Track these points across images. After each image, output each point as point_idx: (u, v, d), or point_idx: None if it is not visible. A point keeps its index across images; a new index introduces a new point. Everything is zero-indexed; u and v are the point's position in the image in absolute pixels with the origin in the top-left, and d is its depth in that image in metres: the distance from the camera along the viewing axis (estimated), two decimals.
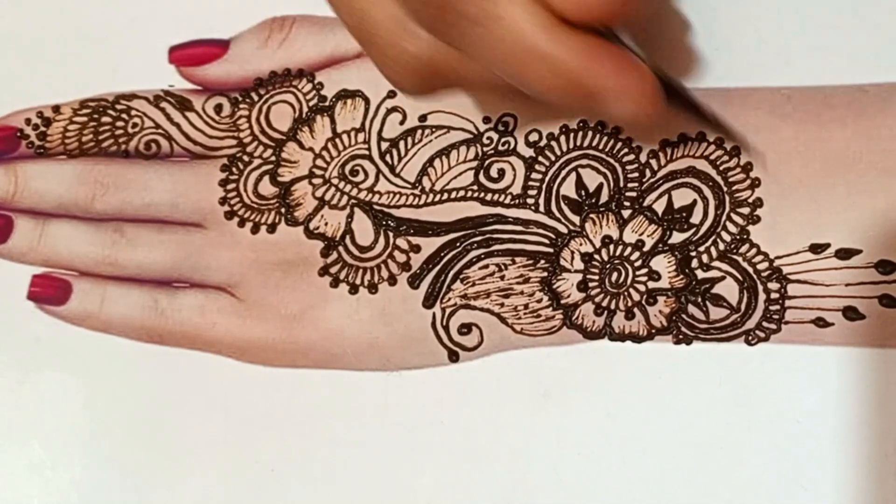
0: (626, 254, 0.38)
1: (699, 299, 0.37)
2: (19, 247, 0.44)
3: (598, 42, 0.30)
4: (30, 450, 0.42)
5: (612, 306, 0.38)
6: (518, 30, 0.30)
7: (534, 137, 0.40)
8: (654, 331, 0.38)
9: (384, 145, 0.41)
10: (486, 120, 0.41)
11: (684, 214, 0.38)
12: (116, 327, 0.42)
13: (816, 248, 0.37)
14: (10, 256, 0.44)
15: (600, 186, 0.39)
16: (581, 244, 0.39)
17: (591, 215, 0.39)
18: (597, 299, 0.38)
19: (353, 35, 0.34)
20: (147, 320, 0.42)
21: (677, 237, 0.38)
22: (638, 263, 0.38)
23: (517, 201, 0.40)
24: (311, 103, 0.43)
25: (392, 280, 0.40)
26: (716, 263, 0.38)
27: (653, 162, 0.39)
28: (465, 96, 0.40)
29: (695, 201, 0.38)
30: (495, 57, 0.31)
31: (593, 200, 0.39)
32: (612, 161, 0.39)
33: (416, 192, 0.41)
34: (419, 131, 0.41)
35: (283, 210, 0.42)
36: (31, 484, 0.41)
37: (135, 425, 0.41)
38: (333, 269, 0.41)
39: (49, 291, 0.43)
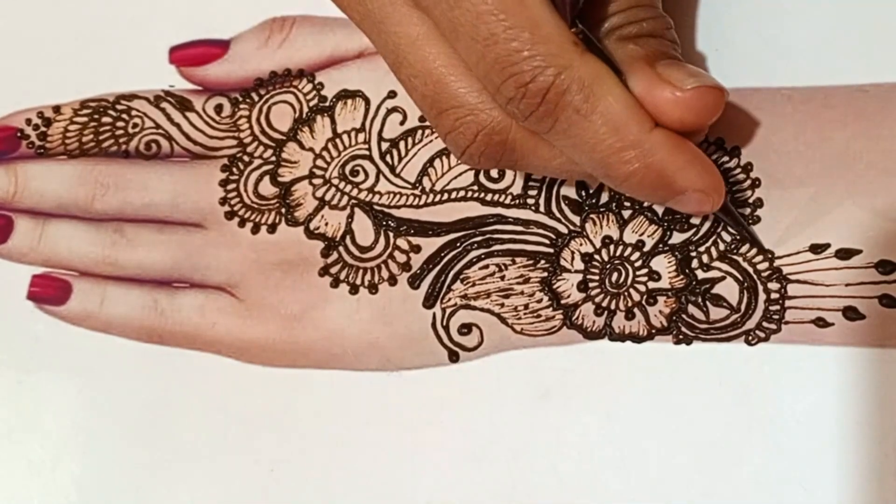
0: (626, 254, 0.38)
1: (699, 299, 0.37)
2: (19, 247, 0.44)
3: (685, 143, 0.33)
4: (30, 450, 0.42)
5: (613, 306, 0.38)
6: (619, 123, 0.32)
7: None
8: (654, 331, 0.38)
9: (384, 145, 0.41)
10: None
11: (684, 214, 0.38)
12: (116, 327, 0.42)
13: (816, 248, 0.37)
14: (10, 256, 0.44)
15: (601, 187, 0.39)
16: (581, 244, 0.39)
17: (592, 215, 0.39)
18: (597, 299, 0.38)
19: (420, 104, 0.34)
20: (147, 320, 0.42)
21: (677, 237, 0.38)
22: (638, 264, 0.38)
23: (517, 201, 0.40)
24: (311, 103, 0.43)
25: (392, 280, 0.40)
26: (716, 263, 0.37)
27: None
28: None
29: None
30: (588, 146, 0.32)
31: (594, 200, 0.39)
32: None
33: (417, 192, 0.41)
34: (419, 131, 0.41)
35: (283, 210, 0.42)
36: (31, 484, 0.41)
37: (135, 425, 0.41)
38: (334, 270, 0.41)
39: (49, 291, 0.43)
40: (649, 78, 0.33)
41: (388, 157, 0.41)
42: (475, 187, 0.40)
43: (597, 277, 0.38)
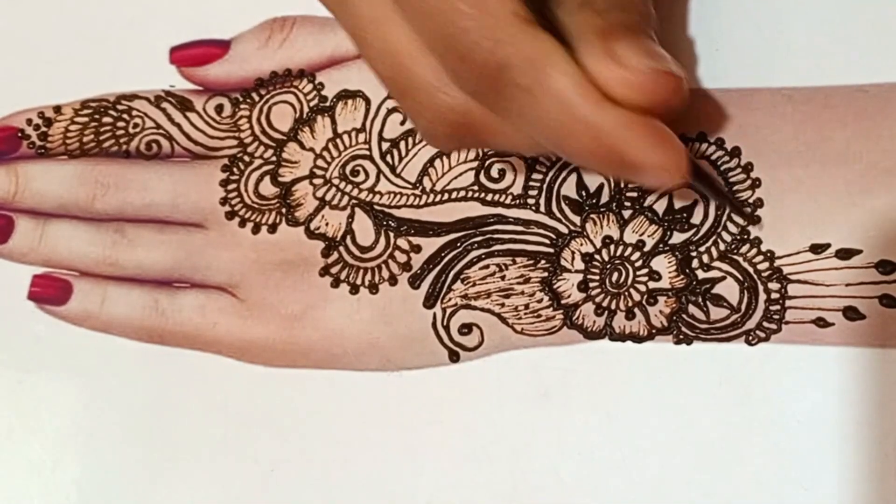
0: (626, 254, 0.38)
1: (699, 299, 0.37)
2: (20, 247, 0.44)
3: (639, 117, 0.32)
4: (30, 450, 0.42)
5: (613, 306, 0.38)
6: (566, 99, 0.31)
7: None
8: (654, 331, 0.37)
9: (385, 145, 0.41)
10: None
11: (685, 214, 0.38)
12: (117, 327, 0.42)
13: (816, 248, 0.37)
14: (10, 256, 0.44)
15: (601, 186, 0.39)
16: (581, 244, 0.39)
17: (592, 215, 0.39)
18: (597, 299, 0.38)
19: (384, 84, 0.34)
20: (147, 320, 0.42)
21: (678, 237, 0.38)
22: (638, 263, 0.38)
23: (518, 201, 0.40)
24: (311, 103, 0.43)
25: (393, 280, 0.40)
26: (716, 263, 0.37)
27: None
28: None
29: (695, 201, 0.38)
30: (538, 122, 0.32)
31: (594, 200, 0.39)
32: None
33: (417, 192, 0.41)
34: None
35: (283, 210, 0.42)
36: (31, 484, 0.41)
37: (135, 425, 0.41)
38: (334, 270, 0.41)
39: (49, 291, 0.43)
40: (599, 54, 0.31)
41: (388, 157, 0.41)
42: (475, 187, 0.40)
43: (597, 277, 0.38)
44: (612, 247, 0.39)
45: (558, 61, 0.31)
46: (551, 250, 0.39)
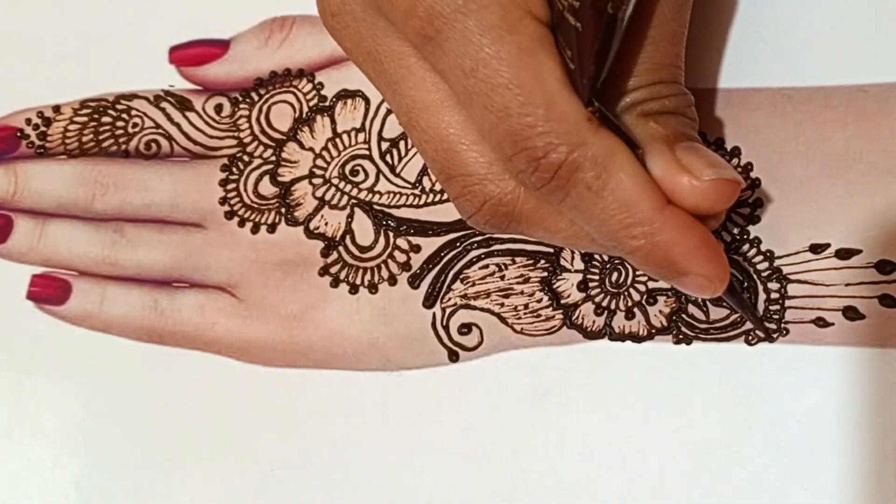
0: None
1: (699, 299, 0.37)
2: (19, 247, 0.44)
3: (696, 224, 0.33)
4: (30, 450, 0.42)
5: (613, 306, 0.38)
6: (631, 201, 0.32)
7: None
8: (654, 331, 0.38)
9: (384, 145, 0.41)
10: None
11: None
12: (116, 327, 0.42)
13: (816, 248, 0.37)
14: (9, 256, 0.44)
15: None
16: None
17: None
18: (597, 299, 0.38)
19: (431, 166, 0.34)
20: (147, 320, 0.42)
21: None
22: None
23: None
24: (311, 103, 0.43)
25: (392, 280, 0.40)
26: None
27: None
28: None
29: None
30: (598, 220, 0.32)
31: None
32: None
33: (417, 192, 0.41)
34: None
35: (283, 210, 0.42)
36: (31, 484, 0.41)
37: (135, 425, 0.41)
38: (333, 269, 0.41)
39: (49, 291, 0.43)
40: (668, 162, 0.32)
41: (387, 157, 0.41)
42: None
43: (597, 277, 0.38)
44: None
45: (624, 163, 0.32)
46: (551, 250, 0.39)
